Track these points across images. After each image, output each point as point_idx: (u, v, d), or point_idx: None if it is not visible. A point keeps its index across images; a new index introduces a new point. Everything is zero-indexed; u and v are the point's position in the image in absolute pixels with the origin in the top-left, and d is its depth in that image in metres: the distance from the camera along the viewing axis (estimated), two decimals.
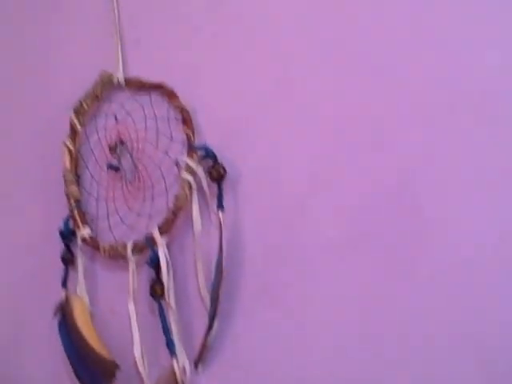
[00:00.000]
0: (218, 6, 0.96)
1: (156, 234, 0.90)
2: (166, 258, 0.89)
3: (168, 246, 0.91)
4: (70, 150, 1.01)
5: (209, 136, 0.93)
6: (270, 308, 0.86)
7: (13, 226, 1.09)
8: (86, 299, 0.97)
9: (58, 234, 1.00)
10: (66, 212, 1.00)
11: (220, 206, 0.88)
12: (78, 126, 1.01)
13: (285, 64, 0.88)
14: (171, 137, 0.95)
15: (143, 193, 0.96)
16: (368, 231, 0.81)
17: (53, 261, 1.01)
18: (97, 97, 1.01)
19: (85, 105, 1.01)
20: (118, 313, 0.94)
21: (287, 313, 0.86)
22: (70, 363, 0.95)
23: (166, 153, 0.95)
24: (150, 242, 0.90)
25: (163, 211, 0.92)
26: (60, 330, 0.95)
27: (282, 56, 0.89)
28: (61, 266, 1.00)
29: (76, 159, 1.02)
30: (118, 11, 1.03)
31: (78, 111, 1.01)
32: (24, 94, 1.11)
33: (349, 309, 0.82)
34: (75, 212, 0.98)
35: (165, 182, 0.94)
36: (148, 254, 0.91)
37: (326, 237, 0.84)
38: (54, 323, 0.97)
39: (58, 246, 1.00)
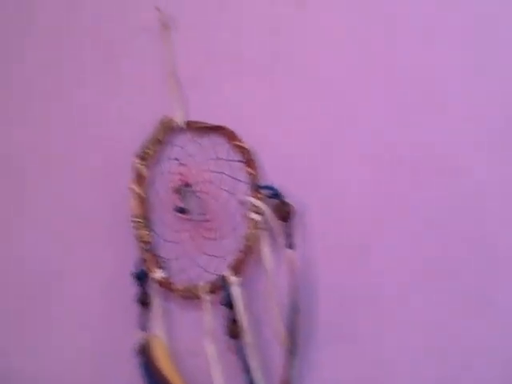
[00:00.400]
0: (276, 44, 0.99)
1: (228, 274, 0.93)
2: (241, 298, 0.91)
3: (241, 285, 0.93)
4: (136, 195, 1.05)
5: (273, 174, 0.95)
6: (345, 342, 0.88)
7: (84, 271, 1.12)
8: (165, 340, 1.00)
9: (130, 276, 1.03)
10: (137, 254, 1.03)
11: (289, 244, 0.90)
12: (143, 171, 1.05)
13: (346, 99, 0.91)
14: (235, 177, 0.98)
15: (212, 234, 0.98)
16: (437, 268, 0.83)
17: (126, 303, 1.04)
18: (159, 141, 1.05)
19: (148, 150, 1.05)
20: (195, 352, 0.96)
21: (361, 347, 0.87)
22: None
23: (232, 193, 0.98)
24: (223, 282, 0.93)
25: (233, 251, 0.95)
26: (142, 372, 0.97)
27: (343, 91, 0.91)
28: (134, 307, 1.03)
29: (143, 203, 1.05)
30: (174, 55, 1.07)
31: (142, 156, 1.05)
32: (89, 140, 1.15)
33: (419, 343, 0.84)
34: (147, 255, 1.02)
35: (233, 223, 0.97)
36: (222, 293, 0.93)
37: (394, 273, 0.86)
38: (133, 365, 1.00)
39: (131, 288, 1.03)
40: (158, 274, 1.00)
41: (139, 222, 1.04)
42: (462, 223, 0.81)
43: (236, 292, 0.92)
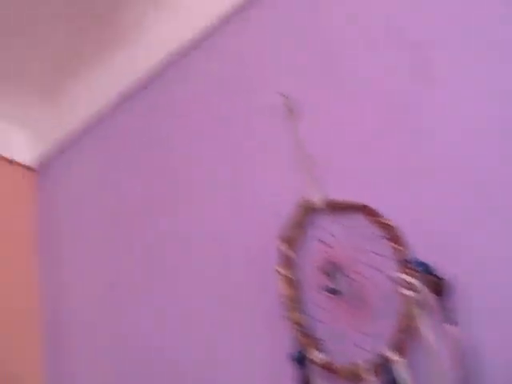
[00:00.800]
0: (400, 118, 1.01)
1: (389, 354, 0.93)
2: (408, 379, 0.91)
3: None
4: (284, 277, 1.08)
5: (420, 248, 0.95)
6: None
7: (237, 356, 1.16)
8: None
9: (287, 359, 1.05)
10: (291, 336, 1.06)
11: (448, 319, 0.89)
12: (288, 253, 1.09)
13: (486, 173, 0.91)
14: (381, 254, 0.99)
15: (366, 312, 0.99)
16: None
17: None
18: (300, 223, 1.08)
19: (290, 232, 1.09)
20: None
21: None
22: None
23: (380, 270, 0.98)
24: (385, 362, 0.93)
25: (389, 329, 0.95)
26: None
27: (484, 165, 0.91)
28: None
29: (292, 284, 1.08)
30: (303, 136, 1.12)
31: (285, 239, 1.09)
32: (231, 226, 1.22)
33: None
34: (302, 337, 1.04)
35: (385, 300, 0.97)
36: (384, 373, 0.93)
37: None
38: None
39: (288, 370, 1.05)
40: (317, 355, 1.02)
41: (290, 303, 1.07)
42: None
43: (402, 373, 0.91)
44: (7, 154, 1.67)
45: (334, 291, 1.03)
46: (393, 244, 0.97)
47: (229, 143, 1.27)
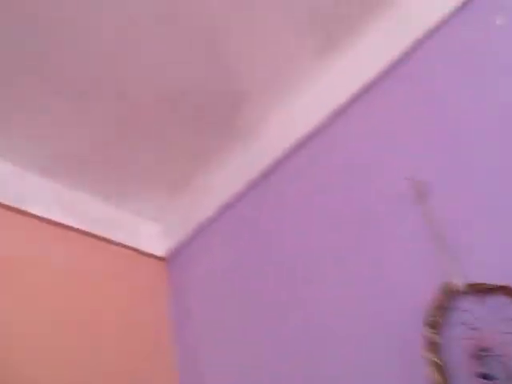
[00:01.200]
0: None
1: None
2: None
3: None
4: (432, 362, 1.07)
5: None
6: None
7: None
8: None
9: None
10: None
11: None
12: (435, 338, 1.08)
13: None
14: None
15: None
16: None
17: None
18: (444, 307, 1.08)
19: (435, 317, 1.09)
20: None
21: None
22: None
23: None
24: None
25: None
26: None
27: None
28: None
29: (441, 370, 1.07)
30: (436, 218, 1.13)
31: (430, 323, 1.09)
32: (373, 315, 1.23)
33: None
34: None
35: None
36: None
37: None
38: None
39: None
40: None
41: None
42: None
43: None
44: (139, 246, 1.78)
45: (487, 377, 1.01)
46: None
47: (358, 233, 1.29)
